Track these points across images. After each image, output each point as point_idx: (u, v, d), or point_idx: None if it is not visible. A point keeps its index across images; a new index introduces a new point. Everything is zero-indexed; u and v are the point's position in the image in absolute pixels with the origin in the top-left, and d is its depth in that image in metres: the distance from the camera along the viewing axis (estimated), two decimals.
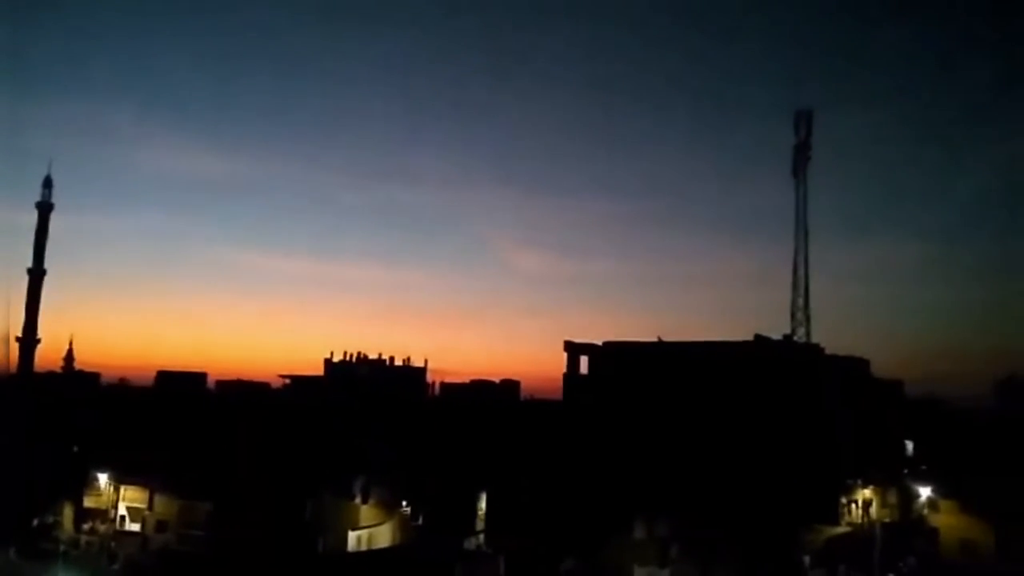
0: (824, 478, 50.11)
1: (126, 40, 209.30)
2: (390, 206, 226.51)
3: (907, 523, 52.73)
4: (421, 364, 79.91)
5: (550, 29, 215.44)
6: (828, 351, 59.28)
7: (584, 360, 60.04)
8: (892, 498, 55.31)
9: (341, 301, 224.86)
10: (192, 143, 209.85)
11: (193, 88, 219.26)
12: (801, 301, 77.28)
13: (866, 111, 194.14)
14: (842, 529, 50.76)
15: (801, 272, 77.69)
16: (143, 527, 55.64)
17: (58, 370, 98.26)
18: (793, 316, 76.71)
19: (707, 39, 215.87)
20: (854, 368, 59.03)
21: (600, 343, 60.01)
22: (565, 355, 60.34)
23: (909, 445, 65.43)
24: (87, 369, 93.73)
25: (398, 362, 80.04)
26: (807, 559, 46.60)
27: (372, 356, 79.96)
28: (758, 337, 56.24)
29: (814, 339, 72.60)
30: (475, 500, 57.24)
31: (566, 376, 60.25)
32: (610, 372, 58.48)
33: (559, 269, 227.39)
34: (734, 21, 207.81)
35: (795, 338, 71.31)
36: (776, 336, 60.45)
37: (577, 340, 60.46)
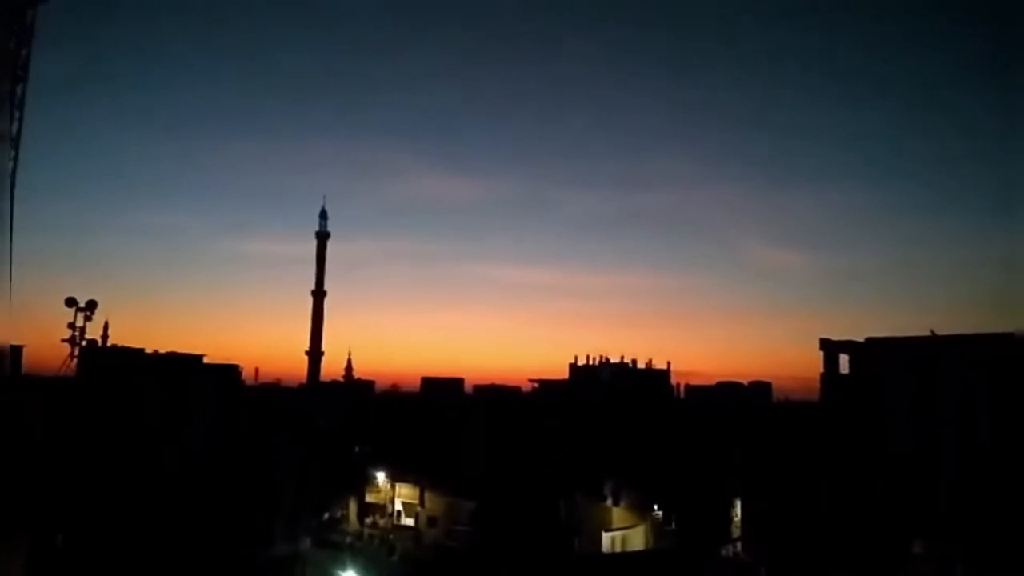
0: None
1: (380, 88, 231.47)
2: (626, 212, 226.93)
3: None
4: (663, 367, 79.02)
5: (782, 20, 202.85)
6: None
7: (844, 359, 55.57)
8: None
9: (580, 307, 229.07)
10: (440, 173, 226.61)
11: (439, 125, 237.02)
12: None
13: None
14: None
15: None
16: (416, 522, 60.20)
17: (340, 379, 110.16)
18: None
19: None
20: None
21: (862, 340, 55.22)
22: (821, 354, 56.25)
23: None
24: (364, 377, 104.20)
25: (640, 365, 79.84)
26: None
27: (614, 359, 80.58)
28: None
29: None
30: (729, 506, 55.35)
31: (824, 376, 56.10)
32: (877, 371, 53.55)
33: (805, 265, 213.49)
34: None
35: None
36: None
37: (834, 338, 56.16)
